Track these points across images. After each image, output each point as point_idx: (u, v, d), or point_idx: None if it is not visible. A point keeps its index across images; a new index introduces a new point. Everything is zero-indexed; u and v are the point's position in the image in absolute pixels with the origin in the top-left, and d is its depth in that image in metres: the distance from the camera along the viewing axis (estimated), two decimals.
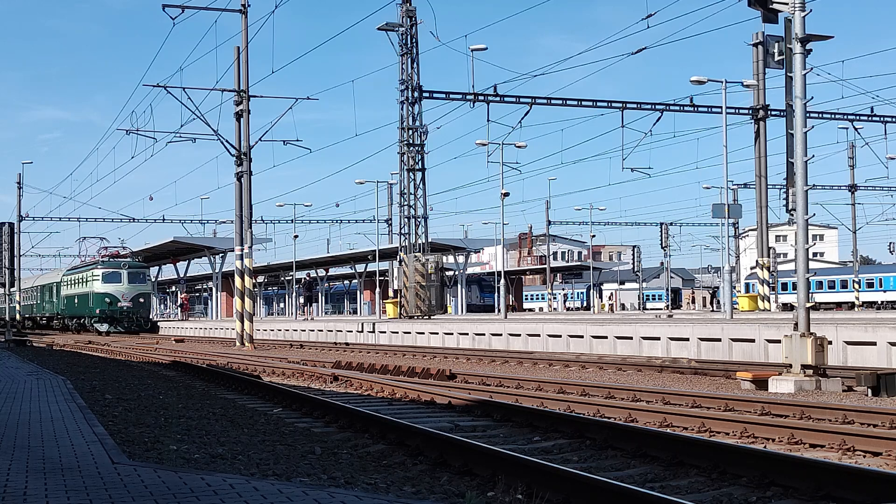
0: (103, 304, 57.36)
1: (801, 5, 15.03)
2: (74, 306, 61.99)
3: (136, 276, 58.91)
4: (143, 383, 16.65)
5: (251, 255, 33.59)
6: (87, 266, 61.19)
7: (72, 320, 63.32)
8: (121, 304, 57.45)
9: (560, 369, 19.65)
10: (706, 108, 42.25)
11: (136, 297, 58.23)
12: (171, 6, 31.63)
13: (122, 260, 59.99)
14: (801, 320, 14.84)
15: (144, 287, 59.43)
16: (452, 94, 39.74)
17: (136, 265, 60.18)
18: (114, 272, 58.16)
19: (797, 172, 14.89)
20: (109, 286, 57.54)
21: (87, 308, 59.12)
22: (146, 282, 60.23)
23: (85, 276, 60.03)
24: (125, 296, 57.67)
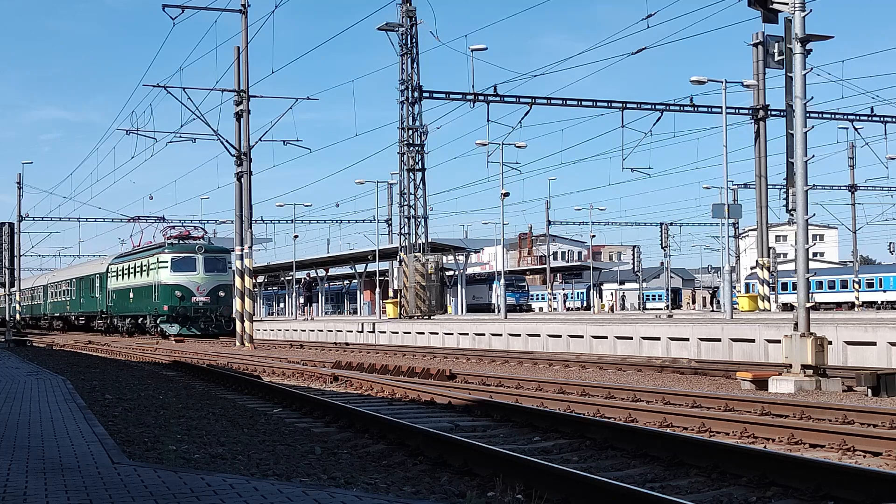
0: (172, 300, 45.08)
1: (801, 5, 15.03)
2: (129, 303, 50.40)
3: (214, 262, 46.12)
4: (143, 383, 16.64)
5: (251, 255, 33.59)
6: (146, 251, 49.10)
7: (124, 320, 51.64)
8: (196, 298, 45.04)
9: (560, 369, 19.65)
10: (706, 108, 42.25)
11: (214, 291, 45.50)
12: (171, 6, 31.63)
13: (195, 242, 47.35)
14: (801, 320, 14.84)
15: (225, 277, 45.46)
16: (452, 94, 39.75)
17: (215, 249, 47.47)
18: (186, 258, 45.75)
19: (797, 172, 14.89)
20: (181, 276, 45.44)
21: (148, 304, 46.94)
22: (227, 270, 45.38)
23: (145, 264, 48.10)
24: (201, 288, 45.45)
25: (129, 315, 50.59)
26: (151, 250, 48.10)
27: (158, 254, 46.75)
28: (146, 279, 47.40)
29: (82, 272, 61.38)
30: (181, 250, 46.21)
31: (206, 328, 45.02)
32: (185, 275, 45.46)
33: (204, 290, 45.43)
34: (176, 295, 45.01)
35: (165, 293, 45.24)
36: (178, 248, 46.36)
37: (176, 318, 45.05)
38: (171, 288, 45.20)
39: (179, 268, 45.58)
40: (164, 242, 47.92)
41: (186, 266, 45.62)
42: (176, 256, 45.83)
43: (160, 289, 45.74)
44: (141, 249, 51.39)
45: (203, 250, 46.09)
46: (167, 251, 46.18)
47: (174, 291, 45.12)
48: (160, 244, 48.19)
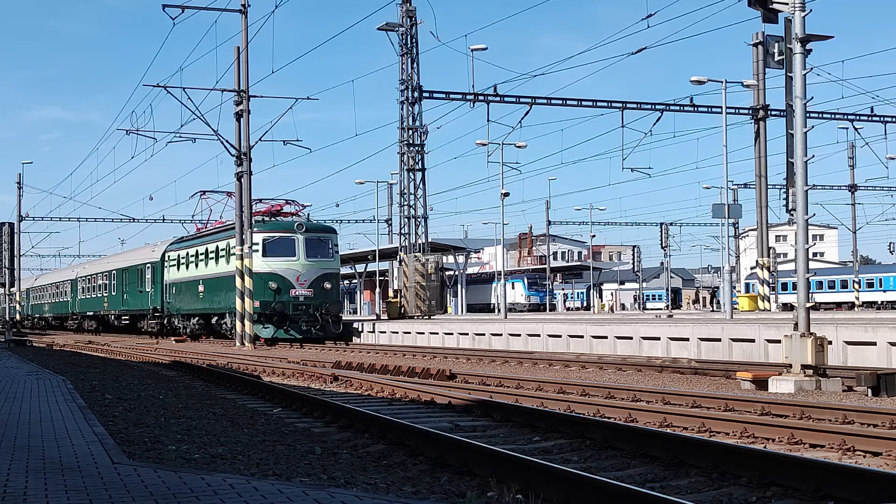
0: (265, 293, 34.64)
1: (801, 5, 15.03)
2: (197, 298, 40.55)
3: (318, 245, 36.13)
4: (143, 383, 16.64)
5: (251, 255, 33.58)
6: (223, 231, 38.99)
7: (188, 320, 41.74)
8: (295, 291, 34.99)
9: (560, 369, 19.65)
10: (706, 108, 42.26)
11: (318, 281, 35.45)
12: (171, 6, 31.65)
13: (293, 220, 36.98)
14: (801, 320, 14.84)
15: (331, 264, 36.26)
16: (452, 94, 39.75)
17: (318, 227, 37.61)
18: (283, 239, 35.49)
19: (797, 172, 14.89)
20: (276, 262, 35.06)
21: (229, 299, 36.38)
22: (334, 256, 36.47)
23: (222, 249, 37.99)
24: (302, 278, 35.30)
25: (198, 313, 40.44)
26: (232, 230, 36.33)
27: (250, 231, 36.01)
28: (224, 267, 37.13)
29: (126, 262, 51.59)
30: (276, 229, 35.63)
31: (309, 330, 34.69)
32: (281, 261, 35.03)
33: (306, 281, 35.10)
34: (270, 287, 34.45)
35: (255, 285, 34.18)
36: (271, 227, 35.73)
37: (270, 317, 34.41)
38: (263, 278, 34.49)
39: (274, 251, 35.12)
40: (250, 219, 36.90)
41: (283, 249, 35.26)
42: (269, 237, 35.15)
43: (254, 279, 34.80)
44: (214, 230, 40.49)
45: (304, 229, 35.58)
46: (257, 230, 35.07)
47: (267, 283, 34.53)
48: None
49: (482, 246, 78.14)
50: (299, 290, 35.06)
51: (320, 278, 35.56)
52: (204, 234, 41.82)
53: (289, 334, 34.60)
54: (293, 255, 35.36)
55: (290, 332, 34.63)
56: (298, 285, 35.08)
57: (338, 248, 37.05)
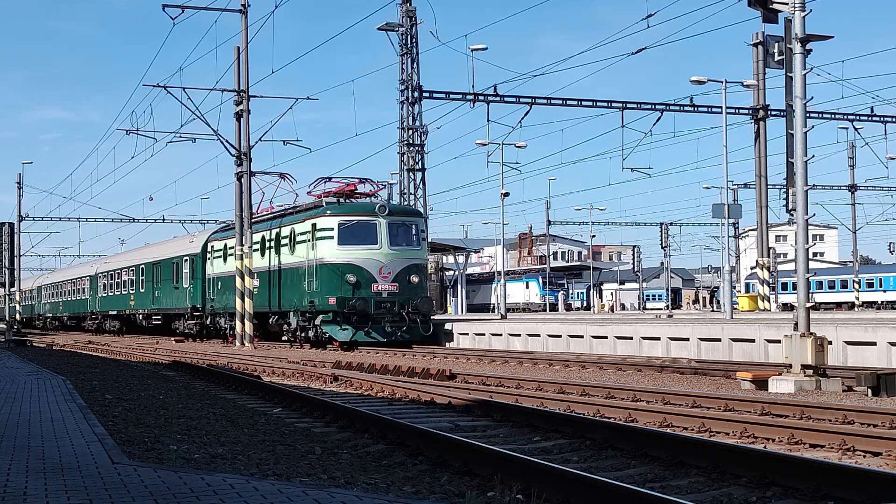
0: (342, 288, 29.18)
1: (801, 5, 15.03)
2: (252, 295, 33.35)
3: (403, 231, 30.46)
4: (143, 383, 16.64)
5: (251, 255, 33.56)
6: (287, 215, 33.32)
7: (233, 320, 34.41)
8: (378, 286, 29.44)
9: (560, 369, 19.65)
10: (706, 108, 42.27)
11: (404, 274, 29.90)
12: (171, 6, 31.64)
13: (371, 202, 31.14)
14: (801, 320, 14.84)
15: (418, 254, 30.69)
16: (452, 94, 39.76)
17: (402, 210, 32.46)
18: (362, 224, 29.73)
19: (797, 172, 14.89)
20: (354, 252, 29.53)
21: (294, 296, 31.36)
22: (421, 244, 30.93)
23: (285, 235, 32.43)
24: (386, 271, 29.64)
25: (257, 312, 34.09)
26: (298, 213, 31.87)
27: (314, 217, 30.39)
28: (289, 258, 31.83)
29: (157, 255, 46.08)
30: (353, 211, 30.03)
31: (394, 332, 29.32)
32: (360, 250, 29.46)
33: (389, 274, 29.53)
34: (347, 281, 29.13)
35: (329, 278, 29.31)
36: (347, 209, 30.11)
37: (347, 316, 28.95)
38: (340, 270, 29.29)
39: (351, 238, 29.59)
40: (320, 200, 31.10)
41: (362, 236, 29.63)
42: (346, 221, 29.59)
43: (320, 272, 29.64)
44: (273, 214, 34.80)
45: (386, 211, 29.94)
46: (330, 212, 29.83)
47: (344, 276, 29.22)
48: (312, 204, 31.62)
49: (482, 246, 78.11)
50: (382, 285, 29.44)
51: (406, 270, 29.88)
52: (259, 220, 35.10)
53: (370, 337, 29.11)
54: (374, 242, 29.61)
55: (372, 334, 29.16)
56: (381, 279, 29.43)
57: (425, 235, 31.00)
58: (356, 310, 28.83)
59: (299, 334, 31.37)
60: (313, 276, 30.02)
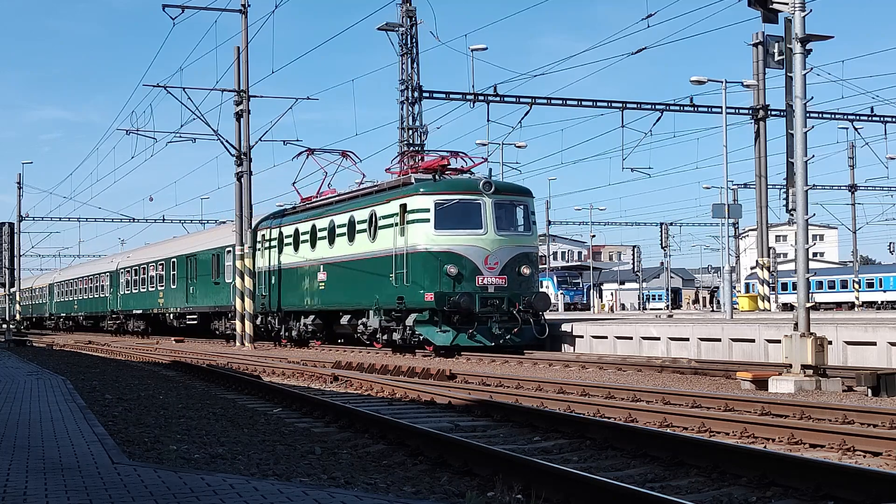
0: (442, 282, 24.37)
1: (801, 5, 15.03)
2: (314, 289, 29.93)
3: (510, 213, 25.44)
4: (143, 383, 16.65)
5: (252, 255, 33.58)
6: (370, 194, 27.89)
7: (298, 319, 31.48)
8: (484, 279, 24.54)
9: (560, 369, 19.65)
10: (706, 108, 42.26)
11: (514, 265, 24.93)
12: (171, 6, 31.65)
13: (472, 179, 26.02)
14: (801, 320, 14.84)
15: (528, 240, 25.70)
16: (452, 94, 39.75)
17: (511, 188, 26.50)
18: (463, 204, 24.88)
19: (797, 172, 14.89)
20: (454, 237, 24.62)
21: (379, 291, 26.23)
22: (531, 229, 26.03)
23: (364, 220, 27.37)
24: (492, 260, 24.67)
25: (315, 311, 30.21)
26: (379, 193, 26.97)
27: (403, 196, 25.35)
28: (368, 246, 26.83)
29: (192, 247, 41.63)
30: (453, 188, 25.03)
31: (503, 335, 24.27)
32: (462, 235, 24.52)
33: (497, 264, 24.53)
34: (447, 273, 24.15)
35: (424, 270, 24.48)
36: (445, 186, 25.13)
37: (447, 315, 24.10)
38: (438, 259, 24.33)
39: (451, 221, 24.61)
40: (408, 177, 26.26)
41: (464, 218, 24.70)
42: (444, 201, 24.65)
43: (412, 262, 24.75)
44: (343, 195, 29.78)
45: (492, 189, 24.89)
46: (424, 190, 24.97)
47: (443, 266, 24.26)
48: (398, 181, 26.58)
49: None
50: (488, 278, 24.37)
51: (516, 260, 24.80)
52: (324, 203, 30.51)
53: (474, 340, 24.06)
54: (479, 226, 24.54)
55: (477, 337, 24.14)
56: (487, 270, 24.34)
57: (535, 218, 26.30)
58: (460, 307, 23.57)
59: (380, 336, 26.39)
60: (403, 266, 24.90)
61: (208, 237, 41.77)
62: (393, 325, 25.87)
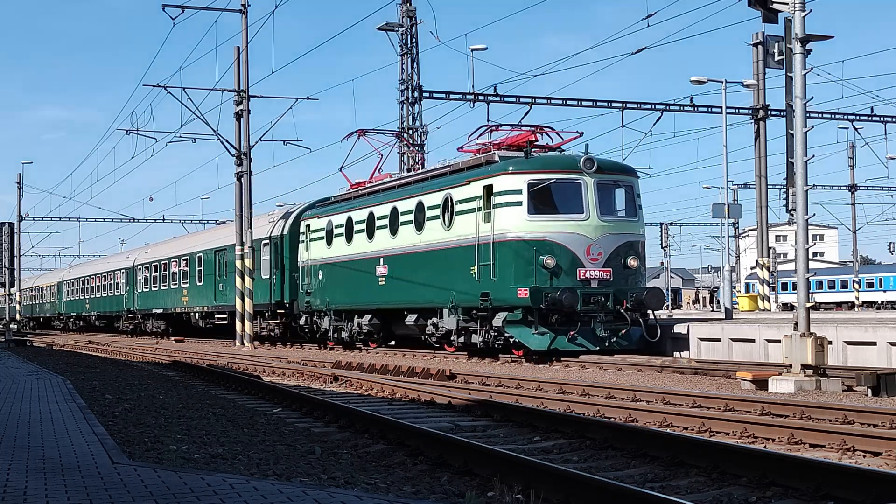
0: (537, 275, 20.91)
1: (801, 5, 15.03)
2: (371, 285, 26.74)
3: (611, 194, 22.24)
4: (143, 383, 16.65)
5: (252, 255, 33.57)
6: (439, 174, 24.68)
7: (352, 319, 28.22)
8: (587, 272, 21.18)
9: (560, 369, 19.64)
10: (706, 108, 42.24)
11: (619, 255, 21.64)
12: (171, 6, 31.66)
13: (571, 155, 22.85)
14: (801, 320, 14.83)
15: (635, 226, 22.45)
16: (452, 94, 39.72)
17: (614, 166, 22.81)
18: (563, 184, 21.64)
19: (797, 172, 14.89)
20: (551, 223, 21.31)
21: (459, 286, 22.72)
22: (637, 214, 22.60)
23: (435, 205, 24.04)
24: (595, 250, 21.33)
25: (371, 309, 27.26)
26: (455, 173, 23.65)
27: (487, 176, 21.95)
28: (441, 234, 23.50)
29: (222, 240, 37.62)
30: (549, 166, 21.68)
31: (609, 338, 20.97)
32: (561, 220, 21.22)
33: (601, 255, 21.24)
34: (544, 265, 20.70)
35: (516, 261, 21.08)
36: (540, 164, 21.77)
37: (545, 315, 20.78)
38: (532, 248, 20.92)
39: (547, 205, 21.36)
40: (490, 154, 22.85)
41: (563, 201, 21.45)
42: (539, 180, 21.24)
43: (500, 253, 21.33)
44: (406, 178, 26.91)
45: (594, 166, 21.43)
46: (514, 169, 21.51)
47: (539, 257, 20.83)
48: (480, 160, 22.98)
49: None
50: (591, 270, 21.02)
51: (622, 250, 21.47)
52: (384, 188, 27.18)
53: (575, 344, 20.74)
54: (580, 210, 21.20)
55: (579, 339, 20.77)
56: (590, 262, 21.02)
57: (641, 201, 22.77)
58: (561, 305, 20.18)
59: (456, 339, 23.21)
60: (488, 258, 21.38)
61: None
62: (472, 326, 22.55)
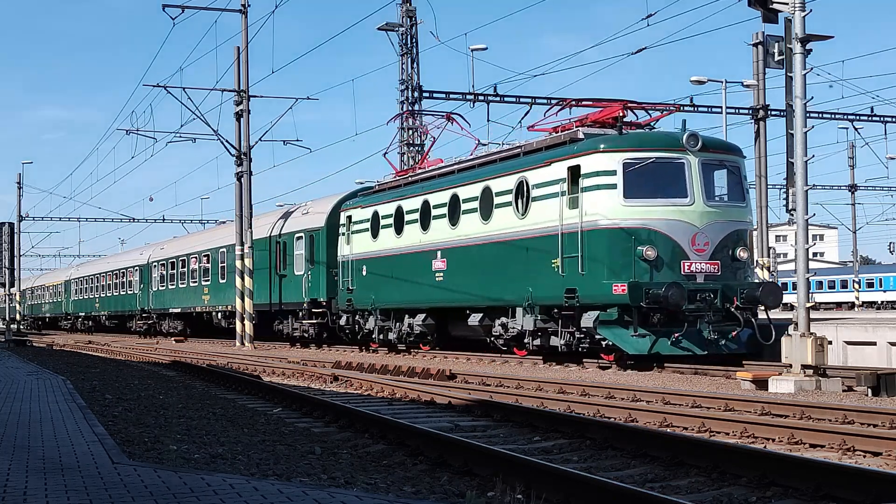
0: (636, 269, 18.06)
1: (801, 5, 15.03)
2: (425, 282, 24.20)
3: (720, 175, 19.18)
4: (143, 383, 16.65)
5: (252, 255, 33.57)
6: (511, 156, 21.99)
7: (401, 319, 25.81)
8: (691, 264, 18.20)
9: (560, 369, 19.64)
10: (706, 108, 42.20)
11: (727, 245, 18.63)
12: (171, 6, 31.67)
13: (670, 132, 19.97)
14: (801, 320, 14.84)
15: (743, 213, 19.30)
16: (452, 94, 39.69)
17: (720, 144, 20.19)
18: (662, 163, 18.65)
19: (797, 172, 14.89)
20: (650, 208, 18.39)
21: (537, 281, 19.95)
22: (745, 198, 19.43)
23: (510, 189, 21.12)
24: (701, 240, 18.33)
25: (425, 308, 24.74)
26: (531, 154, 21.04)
27: (573, 156, 19.38)
28: (515, 223, 20.85)
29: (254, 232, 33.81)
30: (647, 144, 19.04)
31: (718, 340, 17.94)
32: (660, 205, 18.61)
33: (707, 245, 18.53)
34: (643, 257, 18.15)
35: (610, 252, 18.51)
36: (636, 141, 19.21)
37: (645, 314, 18.09)
38: (630, 239, 18.37)
39: (645, 188, 18.68)
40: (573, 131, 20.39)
41: (663, 183, 18.80)
42: (636, 160, 18.63)
43: (590, 242, 18.70)
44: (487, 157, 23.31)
45: (698, 144, 18.73)
46: (605, 146, 18.98)
47: (636, 248, 18.27)
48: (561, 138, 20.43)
49: None
50: (697, 263, 18.30)
51: (730, 239, 18.75)
52: (440, 173, 24.63)
53: (679, 348, 17.99)
54: (683, 194, 18.50)
55: (683, 343, 17.91)
56: (695, 253, 18.35)
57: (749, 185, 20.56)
58: (666, 303, 17.34)
59: (530, 342, 20.54)
60: (575, 249, 18.78)
61: (270, 222, 35.06)
62: (552, 327, 19.95)
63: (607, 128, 20.26)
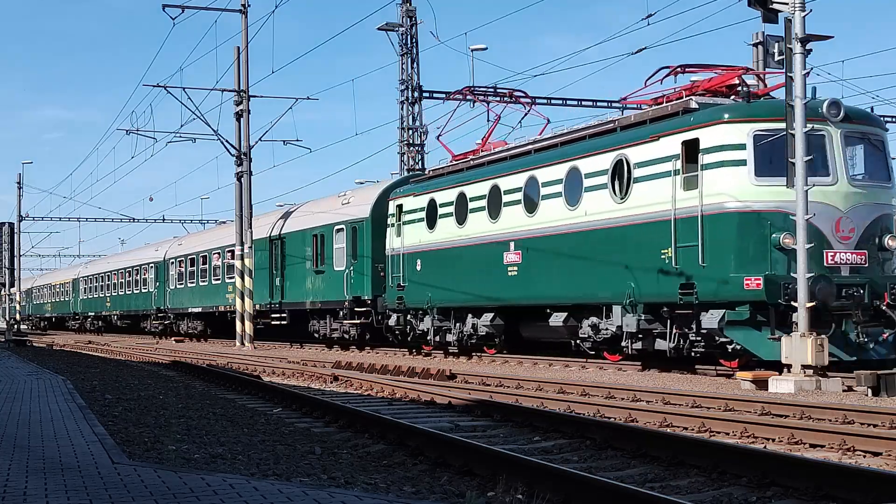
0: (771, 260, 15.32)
1: (801, 5, 15.02)
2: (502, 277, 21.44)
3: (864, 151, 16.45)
4: (143, 383, 16.66)
5: (252, 255, 33.57)
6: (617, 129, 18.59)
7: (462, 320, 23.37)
8: (834, 255, 15.43)
9: (560, 369, 19.64)
10: None
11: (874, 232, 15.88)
12: (171, 6, 31.68)
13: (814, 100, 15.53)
14: (801, 320, 14.82)
15: (887, 195, 16.32)
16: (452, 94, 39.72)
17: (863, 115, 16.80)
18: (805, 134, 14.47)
19: (797, 172, 14.87)
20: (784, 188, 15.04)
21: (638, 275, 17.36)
22: (889, 178, 16.47)
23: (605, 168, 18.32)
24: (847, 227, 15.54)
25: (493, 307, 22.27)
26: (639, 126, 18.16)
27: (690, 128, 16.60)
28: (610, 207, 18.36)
29: (285, 225, 33.03)
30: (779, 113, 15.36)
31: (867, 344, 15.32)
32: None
33: (853, 233, 15.82)
34: (782, 245, 15.31)
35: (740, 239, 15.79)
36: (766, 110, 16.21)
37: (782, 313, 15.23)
38: (762, 224, 15.61)
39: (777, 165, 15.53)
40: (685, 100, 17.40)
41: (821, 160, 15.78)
42: (768, 132, 15.82)
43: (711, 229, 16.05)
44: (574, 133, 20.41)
45: (840, 114, 15.98)
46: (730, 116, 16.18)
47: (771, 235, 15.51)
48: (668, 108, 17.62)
49: None
50: (842, 253, 15.76)
51: (877, 225, 16.25)
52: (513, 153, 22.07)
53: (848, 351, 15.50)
54: (825, 171, 15.83)
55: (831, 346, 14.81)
56: (840, 241, 15.79)
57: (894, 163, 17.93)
58: (814, 300, 14.70)
59: (629, 345, 18.13)
60: (693, 237, 16.30)
61: (305, 214, 32.29)
62: (657, 328, 17.56)
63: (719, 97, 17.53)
